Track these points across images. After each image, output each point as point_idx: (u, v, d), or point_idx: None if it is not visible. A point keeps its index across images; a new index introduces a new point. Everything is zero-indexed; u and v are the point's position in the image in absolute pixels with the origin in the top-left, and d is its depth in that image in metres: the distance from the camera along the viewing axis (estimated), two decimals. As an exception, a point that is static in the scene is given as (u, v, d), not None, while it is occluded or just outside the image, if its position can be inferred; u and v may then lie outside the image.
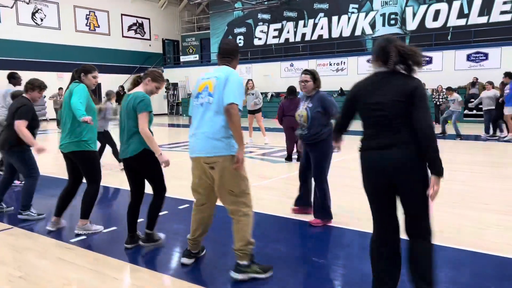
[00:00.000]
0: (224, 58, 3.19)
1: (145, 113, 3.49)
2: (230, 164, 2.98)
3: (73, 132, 3.97)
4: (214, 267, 3.38)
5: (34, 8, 21.07)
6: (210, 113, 3.00)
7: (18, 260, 3.52)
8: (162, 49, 28.61)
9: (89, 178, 4.11)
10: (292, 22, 23.51)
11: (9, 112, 4.68)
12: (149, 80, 3.65)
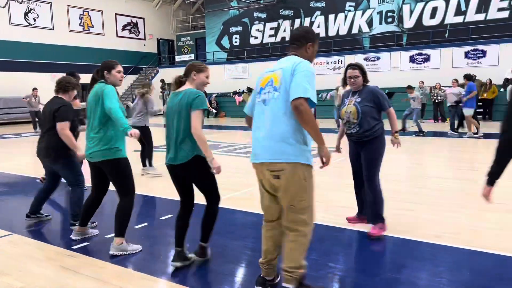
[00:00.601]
0: (291, 45, 2.75)
1: (200, 111, 3.07)
2: (299, 174, 2.54)
3: (102, 139, 3.54)
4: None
5: (26, 8, 20.75)
6: (275, 111, 2.56)
7: (18, 270, 3.33)
8: (157, 48, 28.36)
9: (122, 190, 3.65)
10: (288, 20, 23.37)
11: (47, 115, 4.24)
12: (194, 73, 3.22)
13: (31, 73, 21.28)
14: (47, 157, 4.26)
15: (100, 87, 3.56)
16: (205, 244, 3.35)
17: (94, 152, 3.57)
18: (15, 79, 20.38)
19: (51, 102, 4.27)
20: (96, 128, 3.55)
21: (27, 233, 4.21)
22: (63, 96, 4.34)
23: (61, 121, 4.08)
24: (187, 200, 3.32)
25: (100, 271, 3.33)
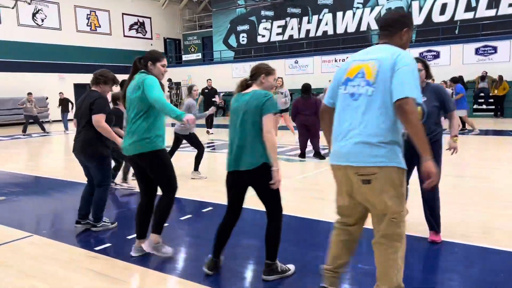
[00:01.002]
0: (382, 32, 2.43)
1: (272, 114, 2.83)
2: (394, 179, 2.25)
3: (138, 130, 3.28)
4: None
5: (34, 8, 20.79)
6: (369, 108, 2.24)
7: (42, 272, 3.28)
8: (164, 48, 28.34)
9: (164, 184, 3.41)
10: (296, 18, 23.25)
11: (83, 110, 4.08)
12: (263, 76, 3.01)
13: (39, 73, 21.33)
14: (82, 153, 4.09)
15: (141, 77, 3.33)
16: (272, 261, 3.00)
17: (130, 145, 3.34)
18: (24, 80, 20.43)
19: (86, 96, 4.13)
20: (134, 120, 3.33)
21: (47, 235, 4.17)
22: (97, 89, 4.18)
23: (97, 113, 3.95)
24: (237, 209, 3.08)
25: (125, 273, 3.28)
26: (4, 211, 5.22)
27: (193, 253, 3.71)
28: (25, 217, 5.03)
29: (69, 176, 7.22)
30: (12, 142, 13.30)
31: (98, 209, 4.20)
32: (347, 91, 2.36)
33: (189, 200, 5.40)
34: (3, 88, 19.64)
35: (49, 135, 15.20)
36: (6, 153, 10.97)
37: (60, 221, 4.91)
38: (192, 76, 25.01)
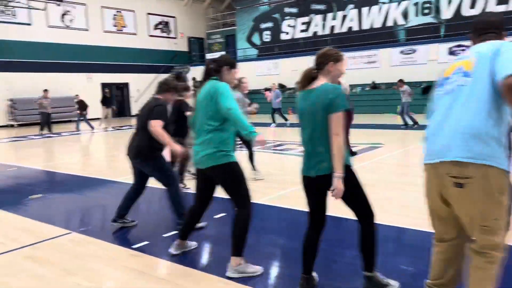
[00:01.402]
0: (487, 34, 2.21)
1: (341, 113, 2.51)
2: (493, 183, 1.96)
3: (211, 142, 3.08)
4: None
5: (63, 10, 21.23)
6: (466, 99, 2.02)
7: (84, 269, 3.31)
8: (188, 47, 28.53)
9: (238, 199, 3.13)
10: (320, 14, 23.02)
11: (141, 116, 4.09)
12: (332, 64, 2.64)
13: (68, 73, 21.80)
14: (137, 157, 4.08)
15: (212, 85, 3.10)
16: (370, 273, 2.72)
17: (202, 157, 3.12)
18: (53, 80, 20.92)
19: (148, 103, 4.15)
20: (206, 130, 3.11)
21: (86, 232, 4.21)
22: (160, 97, 4.15)
23: (154, 118, 3.88)
24: (320, 218, 2.75)
25: (166, 271, 3.28)
26: (42, 208, 5.33)
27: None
28: (62, 214, 5.12)
29: (101, 174, 7.32)
30: (43, 140, 13.62)
31: (178, 206, 4.15)
32: (443, 91, 2.18)
33: (220, 198, 5.37)
34: (33, 89, 20.12)
35: (79, 133, 15.49)
36: (38, 151, 11.24)
37: (96, 218, 4.97)
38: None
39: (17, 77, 19.96)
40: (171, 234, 4.05)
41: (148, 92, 25.70)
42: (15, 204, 5.50)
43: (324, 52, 2.70)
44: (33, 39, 20.56)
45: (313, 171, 2.61)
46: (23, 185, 6.95)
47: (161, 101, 4.10)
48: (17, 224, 4.56)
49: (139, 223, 4.52)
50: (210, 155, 3.08)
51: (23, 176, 7.72)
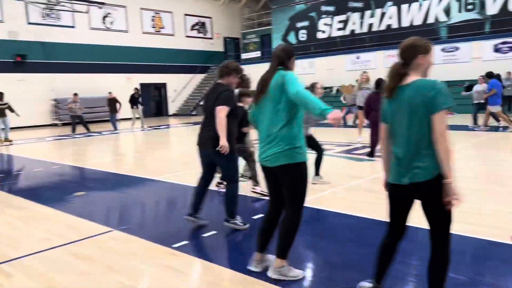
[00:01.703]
0: None
1: (444, 111, 2.21)
2: None
3: (284, 138, 2.84)
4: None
5: (104, 12, 21.91)
6: None
7: (126, 267, 3.36)
8: (224, 47, 28.76)
9: (296, 201, 2.93)
10: (358, 12, 22.61)
11: (209, 104, 3.98)
12: (421, 57, 2.34)
13: (108, 74, 22.48)
14: (210, 147, 3.92)
15: (280, 74, 2.90)
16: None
17: (273, 155, 2.87)
18: (94, 80, 21.64)
19: (213, 90, 4.03)
20: (278, 125, 2.86)
21: (126, 230, 4.28)
22: (222, 81, 4.00)
23: (220, 104, 3.79)
24: (402, 228, 2.54)
25: (206, 272, 3.27)
26: (85, 205, 5.48)
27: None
28: (104, 212, 5.25)
29: (140, 172, 7.47)
30: (87, 139, 14.09)
31: (232, 204, 4.05)
32: None
33: (257, 199, 5.34)
34: (76, 89, 20.85)
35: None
36: (80, 149, 11.63)
37: (136, 216, 5.06)
38: (251, 74, 25.12)
39: (61, 78, 20.77)
40: (211, 234, 4.05)
41: (184, 92, 26.13)
42: (60, 201, 5.69)
43: (411, 44, 2.37)
44: (76, 41, 21.33)
45: (406, 178, 2.33)
46: (67, 183, 7.19)
47: (226, 86, 3.94)
48: (62, 221, 4.71)
49: (178, 223, 4.56)
50: (283, 152, 2.84)
51: (67, 174, 8.00)
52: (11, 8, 19.07)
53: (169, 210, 5.36)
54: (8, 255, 3.69)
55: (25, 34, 19.69)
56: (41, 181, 7.31)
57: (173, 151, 10.85)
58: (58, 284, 3.08)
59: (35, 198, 5.82)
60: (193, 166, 7.93)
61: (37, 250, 3.78)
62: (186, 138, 14.19)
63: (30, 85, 19.68)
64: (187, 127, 17.66)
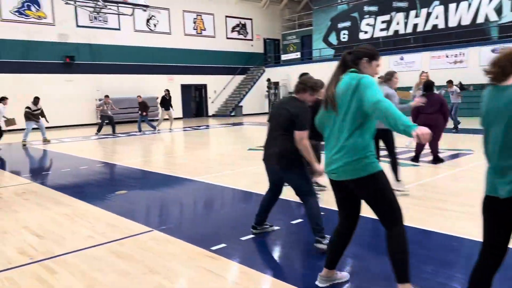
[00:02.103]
0: None
1: None
2: None
3: (354, 148, 2.53)
4: None
5: (148, 15, 22.48)
6: None
7: (166, 269, 3.37)
8: (263, 48, 28.78)
9: (389, 217, 2.57)
10: (402, 12, 21.96)
11: (282, 118, 3.71)
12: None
13: (150, 75, 23.03)
14: (279, 164, 3.70)
15: (353, 77, 2.57)
16: None
17: (342, 167, 2.57)
18: (137, 81, 22.23)
19: (287, 103, 3.77)
20: (347, 133, 2.56)
21: (166, 230, 4.31)
22: (298, 96, 3.76)
23: (301, 129, 3.54)
24: (502, 250, 2.14)
25: (242, 277, 3.22)
26: (126, 204, 5.59)
27: (310, 260, 3.53)
28: (144, 212, 5.33)
29: (181, 173, 7.55)
30: (128, 138, 14.48)
31: (316, 219, 3.65)
32: None
33: (298, 204, 5.24)
34: (119, 89, 21.57)
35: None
36: (124, 148, 11.95)
37: (175, 217, 5.09)
38: (291, 75, 25.05)
39: (106, 79, 21.49)
40: (249, 238, 4.01)
41: (224, 93, 26.37)
42: (103, 199, 5.84)
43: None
44: (121, 43, 22.00)
45: (505, 190, 2.00)
46: (109, 181, 7.39)
47: (301, 103, 3.71)
48: (105, 219, 4.81)
49: (216, 225, 4.55)
50: (352, 164, 2.53)
51: (109, 172, 8.23)
52: (62, 12, 19.93)
53: (207, 211, 5.36)
54: (53, 251, 3.80)
55: (74, 36, 20.52)
56: (86, 179, 7.55)
57: (212, 152, 10.93)
58: (99, 283, 3.13)
59: (79, 196, 6.00)
60: (231, 167, 7.95)
61: (81, 248, 3.88)
62: (225, 139, 14.28)
63: (77, 85, 20.48)
64: (226, 128, 17.79)
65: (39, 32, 19.51)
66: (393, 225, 2.56)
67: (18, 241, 4.12)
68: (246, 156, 9.33)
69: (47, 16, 19.79)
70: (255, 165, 8.13)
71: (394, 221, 2.56)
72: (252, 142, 12.15)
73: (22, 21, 19.08)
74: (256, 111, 26.37)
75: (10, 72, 18.68)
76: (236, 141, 13.30)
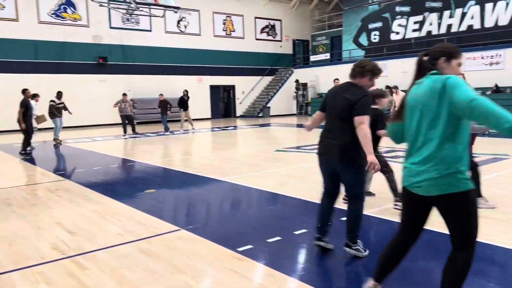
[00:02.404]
0: None
1: None
2: None
3: (445, 160, 2.23)
4: None
5: (179, 16, 22.80)
6: None
7: (192, 268, 3.39)
8: (292, 49, 28.68)
9: (467, 237, 2.32)
10: (436, 13, 21.40)
11: (339, 106, 3.38)
12: None
13: (180, 76, 23.35)
14: (340, 159, 3.37)
15: (436, 80, 2.30)
16: None
17: (429, 181, 2.27)
18: (167, 81, 22.59)
19: (345, 90, 3.42)
20: (436, 142, 2.27)
21: (193, 230, 4.34)
22: (355, 81, 3.44)
23: (362, 114, 3.25)
24: None
25: (270, 280, 3.20)
26: (155, 203, 5.67)
27: (349, 271, 3.48)
28: (172, 211, 5.40)
29: (208, 173, 7.60)
30: (157, 138, 14.72)
31: (355, 226, 3.47)
32: None
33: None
34: (150, 89, 21.97)
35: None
36: (153, 148, 12.16)
37: (202, 217, 5.13)
38: (319, 76, 24.85)
39: (137, 79, 21.94)
40: (276, 240, 3.98)
41: (252, 94, 26.43)
42: (132, 197, 5.95)
43: None
44: (152, 44, 22.41)
45: None
46: (139, 179, 7.52)
47: (360, 88, 3.37)
48: (134, 217, 4.90)
49: (243, 226, 4.55)
50: (444, 179, 2.23)
51: (139, 171, 8.38)
52: (96, 14, 20.50)
53: (234, 212, 5.37)
54: (84, 248, 3.90)
55: (107, 37, 21.06)
56: (116, 177, 7.72)
57: (239, 152, 10.96)
58: (127, 280, 3.18)
59: (110, 193, 6.14)
60: (258, 168, 7.94)
61: (110, 245, 3.96)
62: (252, 140, 14.30)
63: (110, 85, 20.99)
64: (253, 129, 17.81)
65: (74, 33, 20.13)
66: (467, 247, 2.32)
67: (51, 236, 4.25)
68: (273, 158, 9.31)
69: (82, 18, 20.39)
70: (282, 166, 8.10)
71: (470, 244, 2.32)
72: (280, 144, 12.12)
73: (58, 23, 19.74)
74: (284, 112, 26.30)
75: (47, 73, 19.35)
76: (263, 142, 13.30)
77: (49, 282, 3.19)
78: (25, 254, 3.78)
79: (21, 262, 3.59)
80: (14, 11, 18.68)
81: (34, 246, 3.97)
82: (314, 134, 4.45)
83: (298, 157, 9.43)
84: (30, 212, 5.23)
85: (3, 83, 18.23)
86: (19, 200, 5.84)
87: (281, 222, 4.60)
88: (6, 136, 16.51)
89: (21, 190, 6.53)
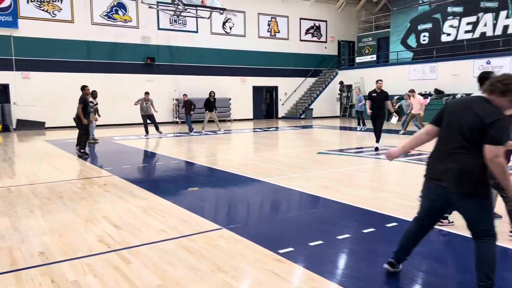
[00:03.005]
0: None
1: None
2: None
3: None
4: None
5: (224, 18, 23.10)
6: None
7: (233, 268, 3.40)
8: (338, 51, 28.27)
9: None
10: (491, 13, 20.38)
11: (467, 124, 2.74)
12: None
13: (225, 77, 23.63)
14: (461, 186, 2.75)
15: None
16: None
17: None
18: (211, 82, 22.91)
19: (478, 106, 2.76)
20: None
21: (235, 230, 4.36)
22: (490, 98, 2.78)
23: (496, 143, 2.63)
24: None
25: (311, 284, 3.15)
26: (198, 200, 5.75)
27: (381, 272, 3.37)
28: (214, 209, 5.45)
29: (250, 173, 7.62)
30: (200, 137, 14.96)
31: (488, 269, 2.75)
32: None
33: (367, 211, 5.04)
34: (195, 90, 22.37)
35: (229, 132, 16.58)
36: (196, 147, 12.37)
37: (244, 217, 5.14)
38: (365, 78, 24.33)
39: (183, 79, 22.43)
40: (317, 244, 3.92)
41: (294, 96, 26.30)
42: (175, 195, 6.07)
43: None
44: (198, 45, 22.85)
45: None
46: (182, 177, 7.67)
47: (496, 108, 2.73)
48: (177, 214, 4.99)
49: (284, 227, 4.51)
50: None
51: (182, 169, 8.54)
52: (145, 16, 21.17)
53: (275, 213, 5.35)
54: (129, 242, 4.01)
55: (155, 38, 21.69)
56: (161, 174, 7.90)
57: (280, 154, 10.92)
58: (169, 276, 3.24)
59: (154, 190, 6.29)
60: (300, 170, 7.87)
61: (154, 241, 4.05)
62: (294, 141, 14.21)
63: (157, 85, 21.59)
64: (295, 130, 17.71)
65: (125, 34, 20.89)
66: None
67: (98, 230, 4.41)
68: (315, 160, 9.20)
69: (132, 19, 21.12)
70: (324, 169, 7.99)
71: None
72: (322, 146, 11.97)
73: (110, 24, 20.56)
74: (327, 114, 25.99)
75: (99, 72, 20.19)
76: (305, 144, 13.18)
77: (95, 274, 3.30)
78: (74, 245, 3.94)
79: (70, 253, 3.74)
80: (70, 13, 19.64)
81: (82, 238, 4.14)
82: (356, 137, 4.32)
83: (341, 160, 9.27)
84: (80, 205, 5.46)
85: (59, 81, 19.22)
86: (70, 194, 6.12)
87: (323, 226, 4.53)
88: (59, 132, 17.39)
89: (72, 184, 6.83)
